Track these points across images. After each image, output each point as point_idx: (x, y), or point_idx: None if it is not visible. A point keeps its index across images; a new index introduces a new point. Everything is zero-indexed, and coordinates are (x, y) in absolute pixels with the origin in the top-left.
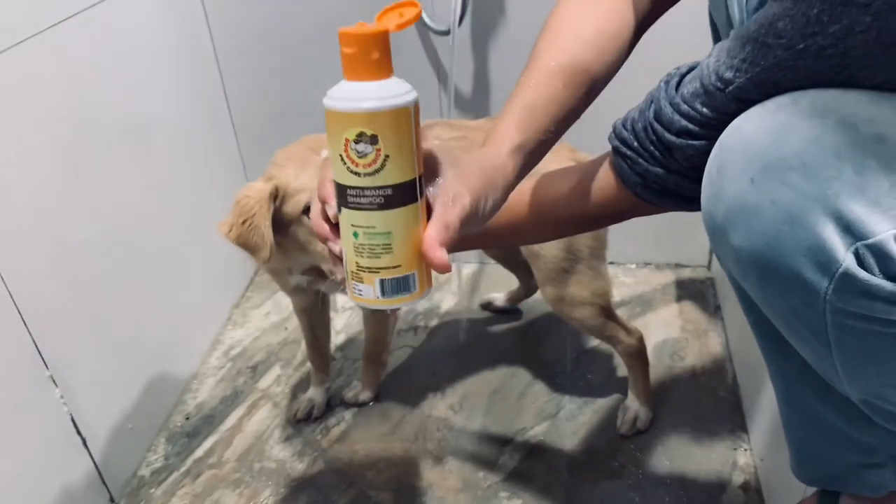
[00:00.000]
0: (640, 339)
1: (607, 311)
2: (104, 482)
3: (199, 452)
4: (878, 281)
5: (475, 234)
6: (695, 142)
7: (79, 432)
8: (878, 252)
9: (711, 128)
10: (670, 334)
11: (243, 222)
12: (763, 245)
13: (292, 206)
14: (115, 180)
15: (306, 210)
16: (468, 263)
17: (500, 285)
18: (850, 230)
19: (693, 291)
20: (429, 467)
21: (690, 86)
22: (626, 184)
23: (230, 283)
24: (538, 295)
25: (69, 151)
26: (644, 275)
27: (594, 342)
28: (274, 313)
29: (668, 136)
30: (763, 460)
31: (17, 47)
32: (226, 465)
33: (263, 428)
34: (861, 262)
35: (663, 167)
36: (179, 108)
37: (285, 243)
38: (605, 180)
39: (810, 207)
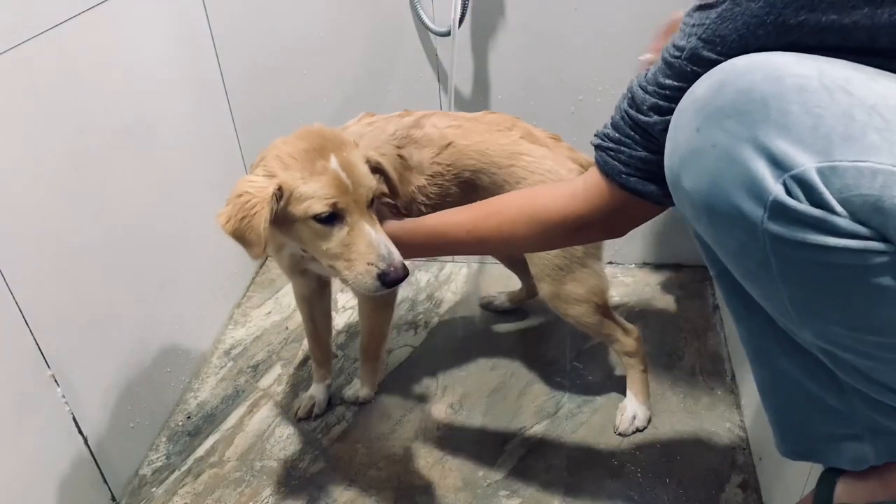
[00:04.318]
0: (638, 339)
1: (603, 310)
2: (105, 481)
3: (200, 451)
4: (805, 207)
5: (457, 239)
6: (665, 117)
7: (80, 431)
8: (803, 182)
9: (672, 100)
10: (669, 333)
11: (242, 217)
12: (708, 184)
13: (301, 211)
14: (117, 180)
15: (316, 217)
16: (468, 263)
17: (500, 285)
18: (778, 164)
19: (692, 291)
20: (429, 466)
21: (655, 66)
22: (612, 176)
23: (231, 283)
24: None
25: (71, 151)
26: (643, 274)
27: (593, 342)
28: (275, 313)
29: (641, 116)
30: (761, 459)
31: (18, 48)
32: (227, 464)
33: (264, 427)
34: (789, 192)
35: (645, 149)
36: (181, 108)
37: (286, 233)
38: (592, 179)
39: (743, 146)
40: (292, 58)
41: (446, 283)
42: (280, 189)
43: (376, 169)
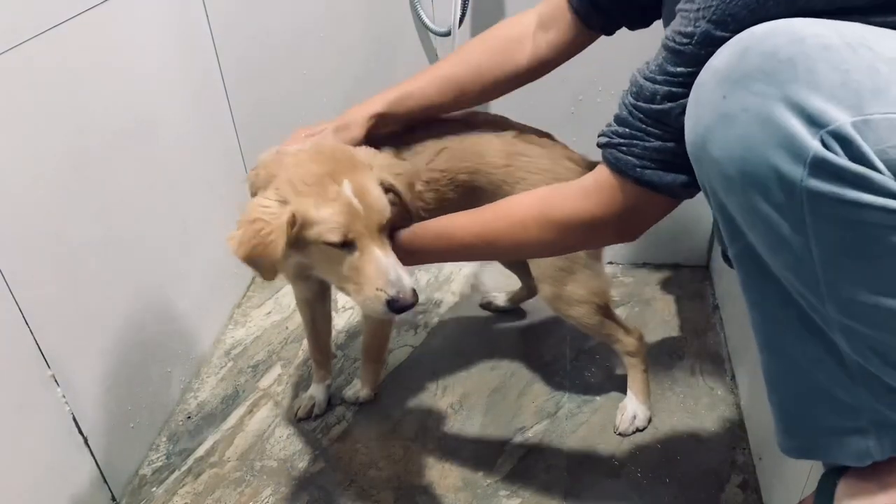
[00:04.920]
0: (640, 339)
1: (604, 311)
2: (106, 481)
3: (200, 451)
4: (845, 162)
5: (464, 242)
6: (681, 101)
7: (80, 431)
8: (840, 137)
9: (688, 86)
10: (669, 333)
11: (256, 245)
12: (742, 149)
13: (313, 236)
14: (117, 180)
15: (327, 243)
16: (468, 263)
17: (500, 285)
18: (814, 121)
19: (691, 291)
20: (429, 466)
21: (656, 59)
22: (625, 171)
23: (231, 283)
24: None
25: (71, 151)
26: (643, 274)
27: (593, 342)
28: (275, 313)
29: (654, 106)
30: (761, 459)
31: (19, 48)
32: (227, 464)
33: (264, 427)
34: (828, 148)
35: (658, 139)
36: (181, 108)
37: (298, 253)
38: (603, 179)
39: (776, 107)
40: (292, 58)
41: (446, 283)
42: (294, 216)
43: (389, 190)
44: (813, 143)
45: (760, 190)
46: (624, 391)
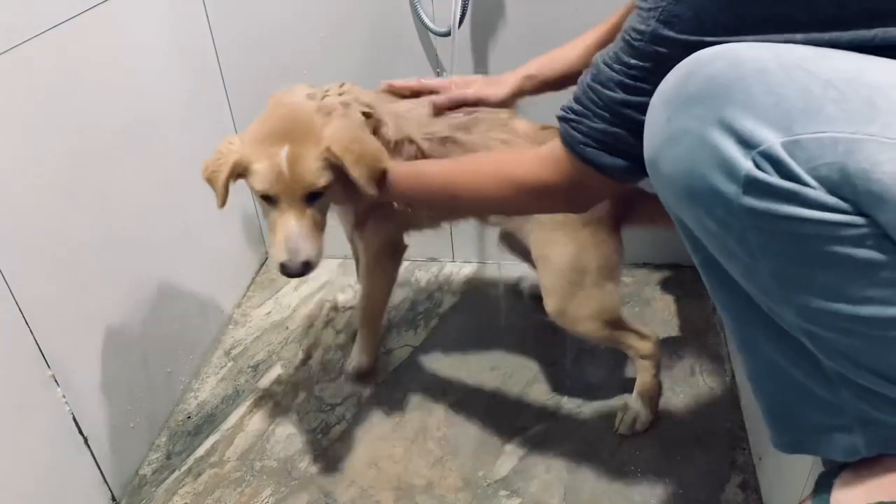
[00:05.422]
0: (655, 344)
1: (613, 324)
2: (106, 481)
3: (200, 451)
4: (776, 180)
5: (432, 188)
6: (629, 94)
7: (80, 431)
8: (770, 157)
9: (638, 79)
10: (669, 333)
11: (213, 171)
12: (684, 169)
13: (250, 181)
14: (117, 180)
15: (261, 196)
16: (468, 263)
17: (499, 285)
18: (746, 142)
19: (691, 291)
20: (429, 466)
21: (615, 46)
22: (572, 146)
23: (231, 283)
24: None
25: (71, 151)
26: (643, 274)
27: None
28: (275, 313)
29: (605, 91)
30: (761, 459)
31: (19, 48)
32: (227, 464)
33: (264, 427)
34: (759, 168)
35: (604, 121)
36: (181, 108)
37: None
38: (556, 149)
39: (712, 128)
40: (292, 58)
41: (446, 283)
42: (238, 162)
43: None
44: (745, 164)
45: (704, 207)
46: (625, 391)
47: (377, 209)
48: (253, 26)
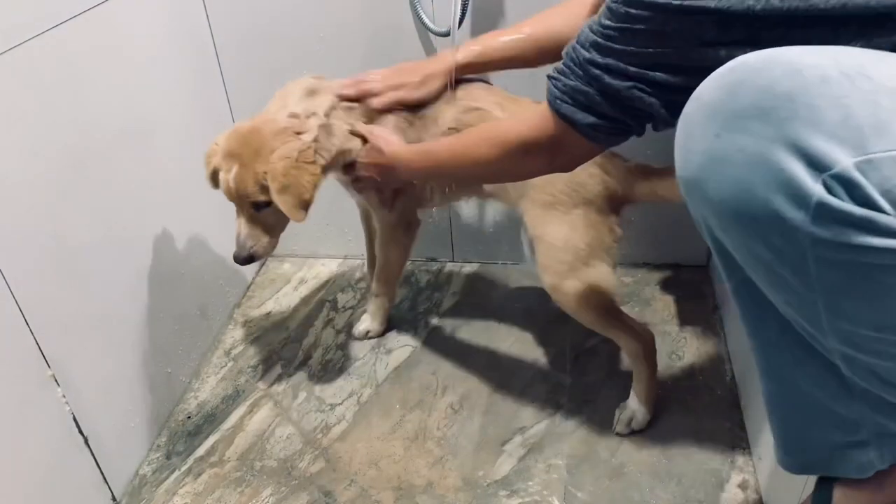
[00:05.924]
0: (649, 342)
1: (606, 311)
2: (106, 481)
3: (200, 451)
4: (850, 206)
5: (439, 157)
6: (603, 53)
7: (81, 431)
8: (844, 180)
9: (612, 39)
10: (669, 333)
11: (206, 162)
12: (738, 191)
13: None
14: (117, 180)
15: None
16: (468, 263)
17: (500, 285)
18: (815, 163)
19: (691, 291)
20: (429, 466)
21: (600, 12)
22: (551, 101)
23: (231, 283)
24: (538, 295)
25: (71, 151)
26: (643, 274)
27: (594, 342)
28: (275, 313)
29: (582, 52)
30: (761, 459)
31: (19, 48)
32: (227, 464)
33: (265, 427)
34: (831, 192)
35: (578, 79)
36: (181, 108)
37: None
38: (542, 107)
39: (775, 148)
40: (293, 58)
41: (446, 283)
42: (216, 168)
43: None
44: (816, 188)
45: (759, 233)
46: (625, 391)
47: (402, 191)
48: (253, 26)
